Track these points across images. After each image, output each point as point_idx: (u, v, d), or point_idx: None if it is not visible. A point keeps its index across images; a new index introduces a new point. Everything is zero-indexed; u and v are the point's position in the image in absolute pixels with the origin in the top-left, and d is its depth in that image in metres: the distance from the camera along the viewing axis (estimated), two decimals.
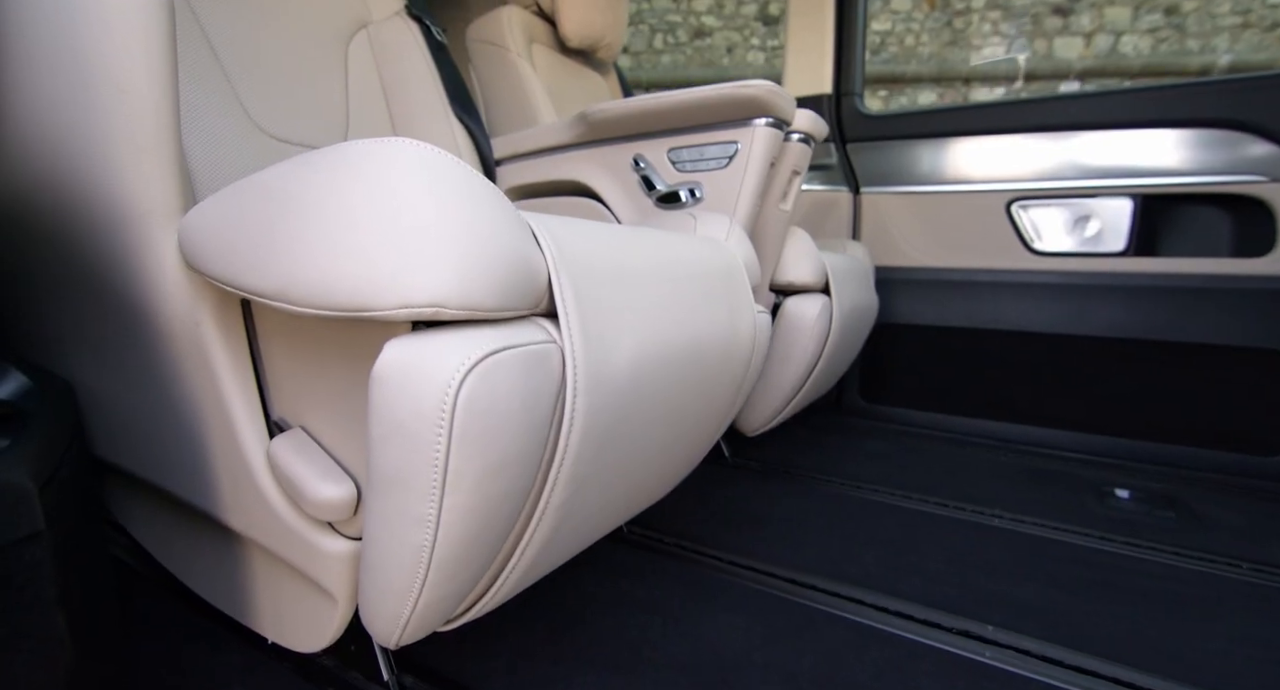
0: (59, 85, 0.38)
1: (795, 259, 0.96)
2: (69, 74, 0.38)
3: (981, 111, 1.45)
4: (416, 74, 0.95)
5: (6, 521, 0.29)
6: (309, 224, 0.34)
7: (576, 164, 0.93)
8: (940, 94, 6.98)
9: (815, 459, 1.21)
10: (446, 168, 0.35)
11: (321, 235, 0.33)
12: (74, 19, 0.37)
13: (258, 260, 0.35)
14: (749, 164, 0.78)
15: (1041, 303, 1.39)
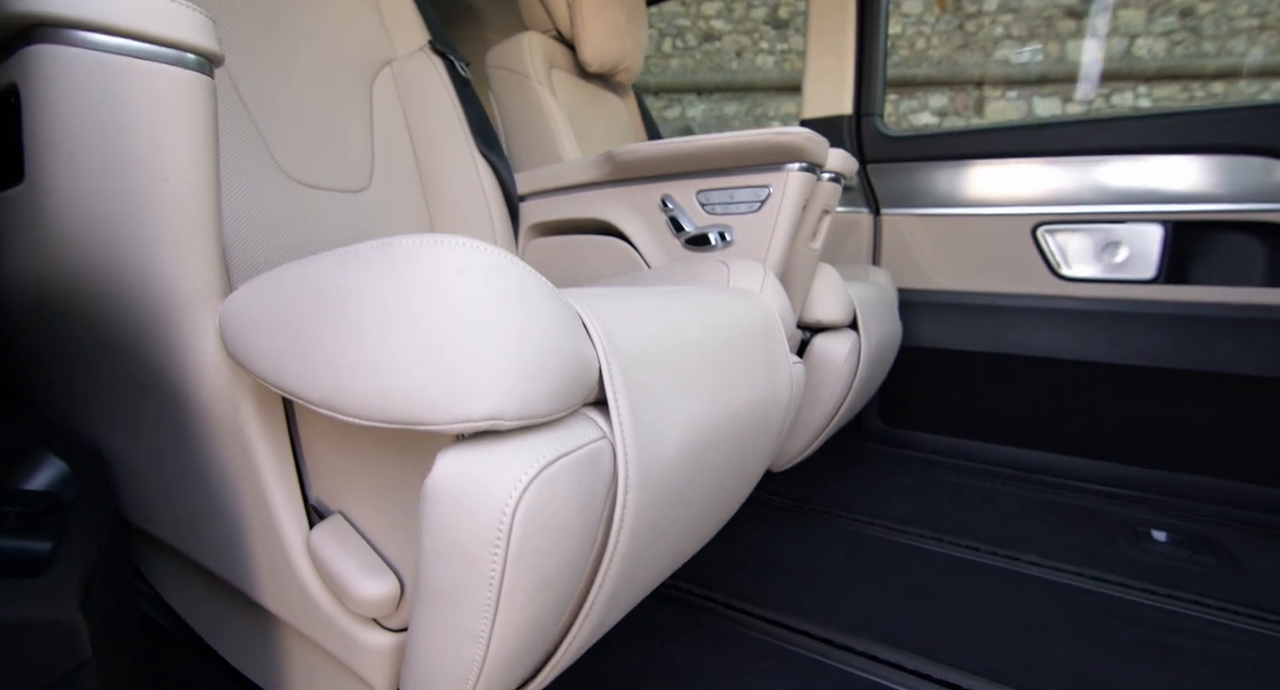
0: (101, 174, 0.37)
1: (823, 296, 0.94)
2: (111, 164, 0.37)
3: (1006, 134, 1.43)
4: (440, 110, 0.94)
5: (55, 658, 0.28)
6: (357, 331, 0.33)
7: (602, 202, 0.92)
8: (951, 97, 6.93)
9: (841, 494, 1.19)
10: (497, 267, 0.34)
11: (371, 344, 0.32)
12: (118, 111, 0.36)
13: (304, 364, 0.34)
14: (781, 209, 0.76)
15: (1068, 329, 1.37)
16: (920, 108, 6.91)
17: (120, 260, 0.39)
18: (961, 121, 6.95)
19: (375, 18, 0.92)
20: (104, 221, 0.38)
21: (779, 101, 7.31)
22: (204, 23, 0.39)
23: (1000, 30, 6.95)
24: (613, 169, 0.88)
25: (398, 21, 0.95)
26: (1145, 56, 6.59)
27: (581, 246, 0.94)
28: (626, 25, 1.39)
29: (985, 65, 6.96)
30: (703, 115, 7.45)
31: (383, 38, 0.93)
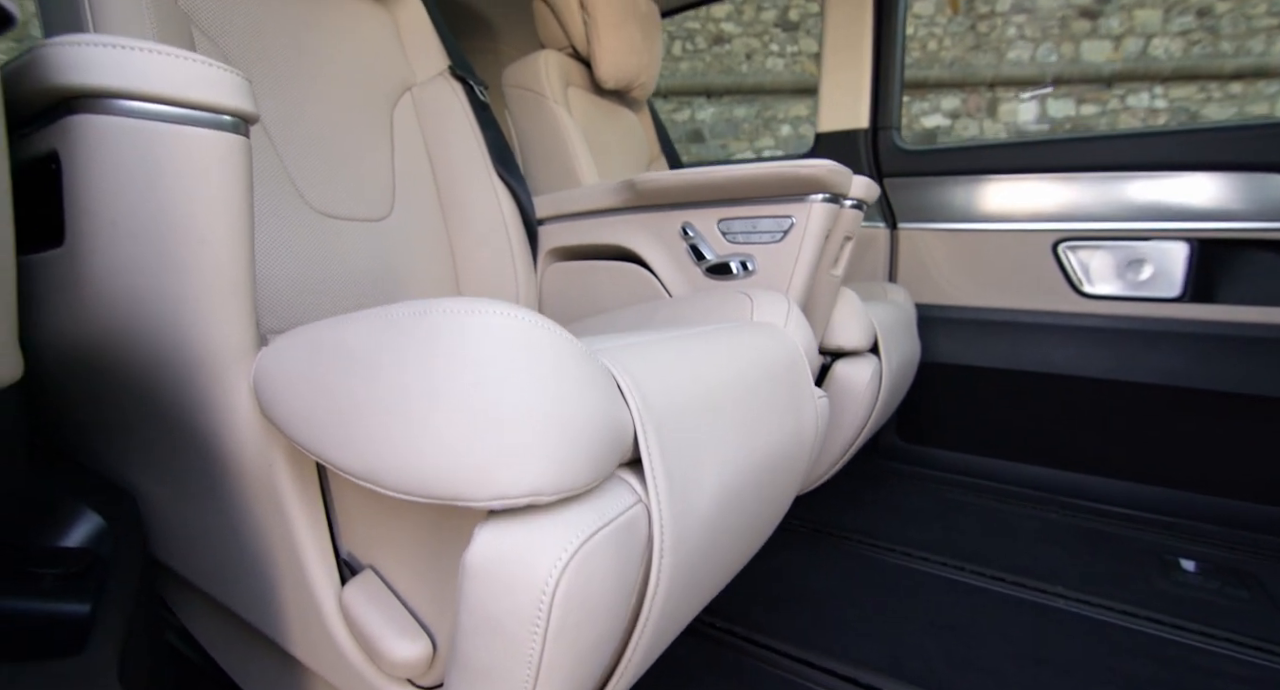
0: (140, 239, 0.37)
1: (845, 322, 0.93)
2: (150, 228, 0.37)
3: (1027, 149, 1.41)
4: (459, 134, 0.94)
5: None
6: (397, 407, 0.32)
7: (622, 229, 0.91)
8: (964, 99, 6.87)
9: (861, 518, 1.18)
10: (535, 338, 0.33)
11: (412, 422, 0.32)
12: (156, 177, 0.36)
13: (342, 437, 0.34)
14: (805, 240, 0.76)
15: (1090, 347, 1.35)
16: (932, 109, 6.86)
17: (157, 320, 0.39)
18: (974, 123, 6.90)
19: (395, 44, 0.93)
20: (142, 284, 0.38)
21: (789, 104, 7.28)
22: (240, 84, 0.39)
23: (1013, 31, 6.89)
24: (633, 196, 0.88)
25: (418, 47, 0.95)
26: (1162, 56, 6.50)
27: (601, 272, 0.94)
28: (642, 42, 1.39)
29: (999, 66, 6.90)
30: (712, 118, 7.44)
31: (403, 64, 0.93)
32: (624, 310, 0.83)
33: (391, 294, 0.82)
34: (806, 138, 7.28)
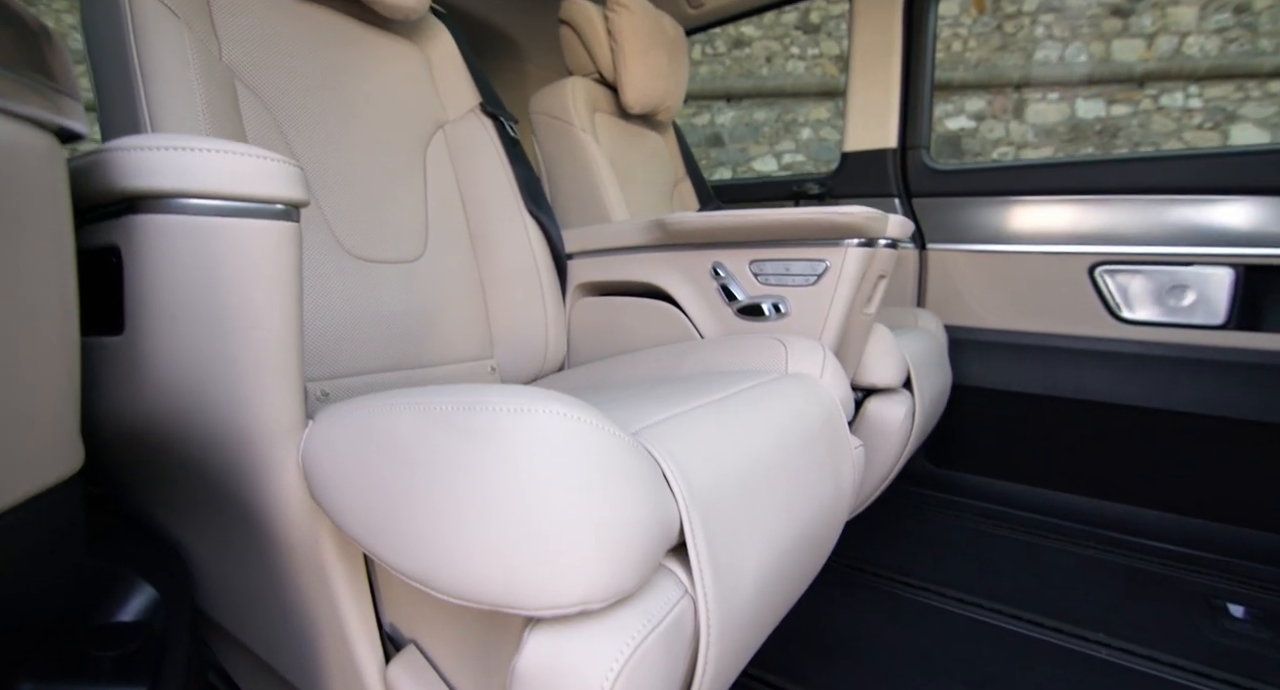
0: (196, 329, 0.38)
1: (877, 359, 0.92)
2: (206, 319, 0.38)
3: (1062, 170, 1.38)
4: (490, 170, 0.95)
5: None
6: (445, 506, 0.33)
7: (652, 266, 0.91)
8: (989, 100, 6.75)
9: (892, 553, 1.16)
10: (585, 436, 0.33)
11: (460, 521, 0.32)
12: (212, 270, 0.37)
13: (390, 532, 0.34)
14: (839, 285, 0.75)
15: (1129, 373, 1.31)
16: (956, 111, 6.75)
17: (210, 402, 0.40)
18: (1000, 125, 6.77)
19: (428, 81, 0.94)
20: (196, 370, 0.39)
21: (809, 107, 7.22)
22: (292, 173, 0.39)
23: (1041, 31, 6.75)
24: (663, 235, 0.88)
25: (450, 84, 0.96)
26: (1196, 55, 6.32)
27: (630, 309, 0.93)
28: (668, 66, 1.38)
29: (1026, 67, 6.76)
30: (731, 122, 7.40)
31: (435, 102, 0.94)
32: (655, 351, 0.82)
33: (425, 335, 0.82)
34: (828, 141, 7.21)
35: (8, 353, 0.26)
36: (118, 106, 0.61)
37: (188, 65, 0.62)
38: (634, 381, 0.78)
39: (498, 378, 0.92)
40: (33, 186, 0.26)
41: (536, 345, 0.94)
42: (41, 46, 0.27)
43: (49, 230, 0.28)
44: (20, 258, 0.26)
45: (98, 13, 0.63)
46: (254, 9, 0.72)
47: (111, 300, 0.39)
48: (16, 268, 0.26)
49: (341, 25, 0.82)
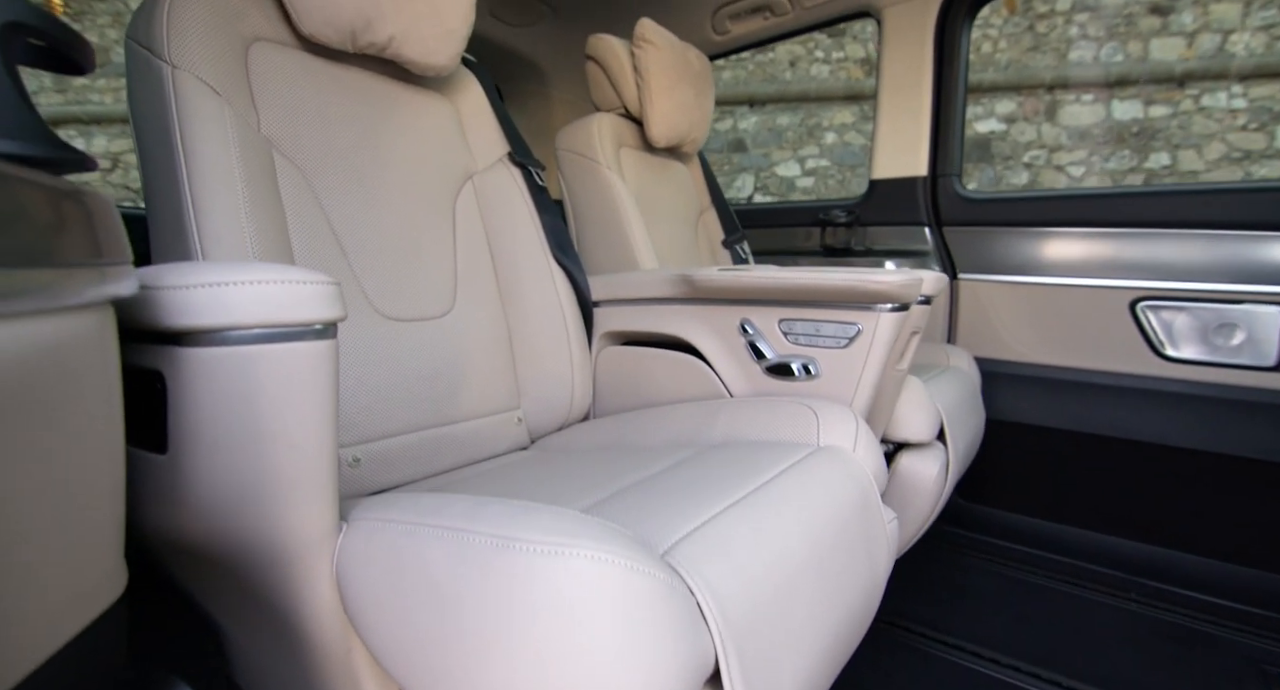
0: (237, 452, 0.39)
1: (909, 413, 0.90)
2: (247, 442, 0.38)
3: (1102, 202, 1.33)
4: (519, 219, 0.95)
5: None
6: (478, 647, 0.33)
7: (679, 319, 0.90)
8: (1020, 102, 6.60)
9: (925, 605, 1.13)
10: (622, 583, 0.33)
11: (491, 664, 0.32)
12: (253, 396, 0.38)
13: (422, 669, 0.34)
14: (872, 350, 0.73)
15: (1173, 413, 1.27)
16: (986, 114, 6.61)
17: (248, 518, 0.41)
18: (1031, 127, 6.61)
19: (458, 133, 0.94)
20: (235, 490, 0.40)
21: (833, 111, 7.14)
22: (330, 293, 0.39)
23: (1075, 30, 6.57)
24: (690, 290, 0.87)
25: (479, 134, 0.96)
26: (1241, 53, 6.10)
27: (657, 361, 0.93)
28: (694, 100, 1.38)
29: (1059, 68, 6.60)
30: (754, 127, 7.35)
31: (465, 153, 0.94)
32: (682, 409, 0.82)
33: (454, 390, 0.83)
34: (852, 145, 7.12)
35: (60, 505, 0.26)
36: (161, 182, 0.63)
37: (227, 143, 0.63)
38: (661, 444, 0.78)
39: (524, 429, 0.92)
40: (85, 360, 0.27)
41: (563, 394, 0.94)
42: (92, 221, 0.28)
43: (99, 388, 0.28)
44: (72, 420, 0.26)
45: (144, 92, 0.64)
46: (291, 77, 0.74)
47: (156, 420, 0.40)
48: (68, 430, 0.26)
49: (374, 84, 0.83)
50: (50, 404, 0.24)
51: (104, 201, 0.30)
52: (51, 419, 0.24)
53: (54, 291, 0.24)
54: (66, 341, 0.25)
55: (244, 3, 0.71)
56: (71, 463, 0.27)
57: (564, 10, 1.61)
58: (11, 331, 0.22)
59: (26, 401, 0.23)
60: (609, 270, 1.24)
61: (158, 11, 0.63)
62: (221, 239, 0.59)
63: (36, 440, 0.24)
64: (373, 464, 0.71)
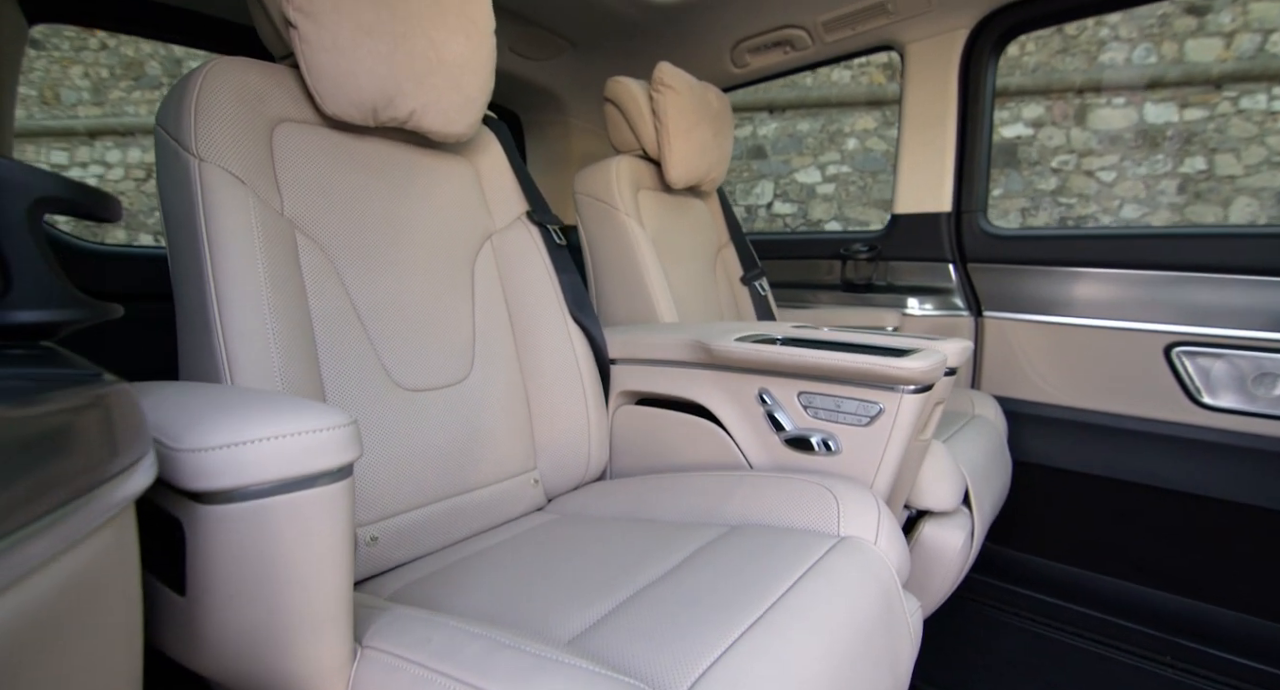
0: (254, 600, 0.39)
1: (933, 481, 0.88)
2: (264, 591, 0.39)
3: (1135, 243, 1.29)
4: (536, 277, 0.95)
5: None
6: None
7: (695, 383, 0.89)
8: (1048, 106, 6.45)
9: (949, 672, 1.09)
10: None
11: None
12: (269, 547, 0.38)
13: None
14: (894, 430, 0.72)
15: (1211, 464, 1.22)
16: (1012, 119, 6.47)
17: (263, 654, 0.41)
18: (1059, 132, 6.46)
19: (477, 194, 0.94)
20: (252, 630, 0.40)
21: (855, 117, 7.05)
22: (345, 437, 0.40)
23: (1106, 32, 6.41)
24: (707, 356, 0.86)
25: (497, 194, 0.96)
26: None
27: (673, 423, 0.92)
28: (713, 140, 1.37)
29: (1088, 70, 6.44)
30: (774, 133, 7.30)
31: (484, 213, 0.94)
32: (699, 480, 0.81)
33: (471, 458, 0.83)
34: (874, 151, 7.03)
35: None
36: (187, 272, 0.64)
37: (251, 233, 0.64)
38: (678, 518, 0.77)
39: (541, 489, 0.92)
40: (106, 570, 0.27)
41: (579, 453, 0.94)
42: (113, 425, 0.28)
43: (120, 589, 0.29)
44: (93, 633, 0.27)
45: (171, 181, 0.66)
46: (313, 156, 0.75)
47: (177, 562, 0.40)
48: (90, 643, 0.27)
49: (394, 152, 0.84)
50: (71, 631, 0.24)
51: (123, 395, 0.30)
52: (73, 644, 0.25)
53: (77, 523, 0.24)
54: (88, 561, 0.25)
55: (269, 86, 0.72)
56: (91, 666, 0.27)
57: (583, 44, 1.61)
58: (35, 587, 0.22)
59: (47, 643, 0.23)
60: (626, 317, 1.24)
61: (185, 103, 0.65)
62: (244, 333, 0.60)
63: (59, 666, 0.24)
64: (390, 541, 0.72)
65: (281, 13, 0.69)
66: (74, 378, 0.29)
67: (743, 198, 7.12)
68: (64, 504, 0.24)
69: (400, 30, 0.74)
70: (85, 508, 0.25)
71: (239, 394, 0.42)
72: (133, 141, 7.40)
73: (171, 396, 0.41)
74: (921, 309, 1.51)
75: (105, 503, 0.27)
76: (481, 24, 0.82)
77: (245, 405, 0.39)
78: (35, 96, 7.24)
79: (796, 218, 7.16)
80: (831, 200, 7.18)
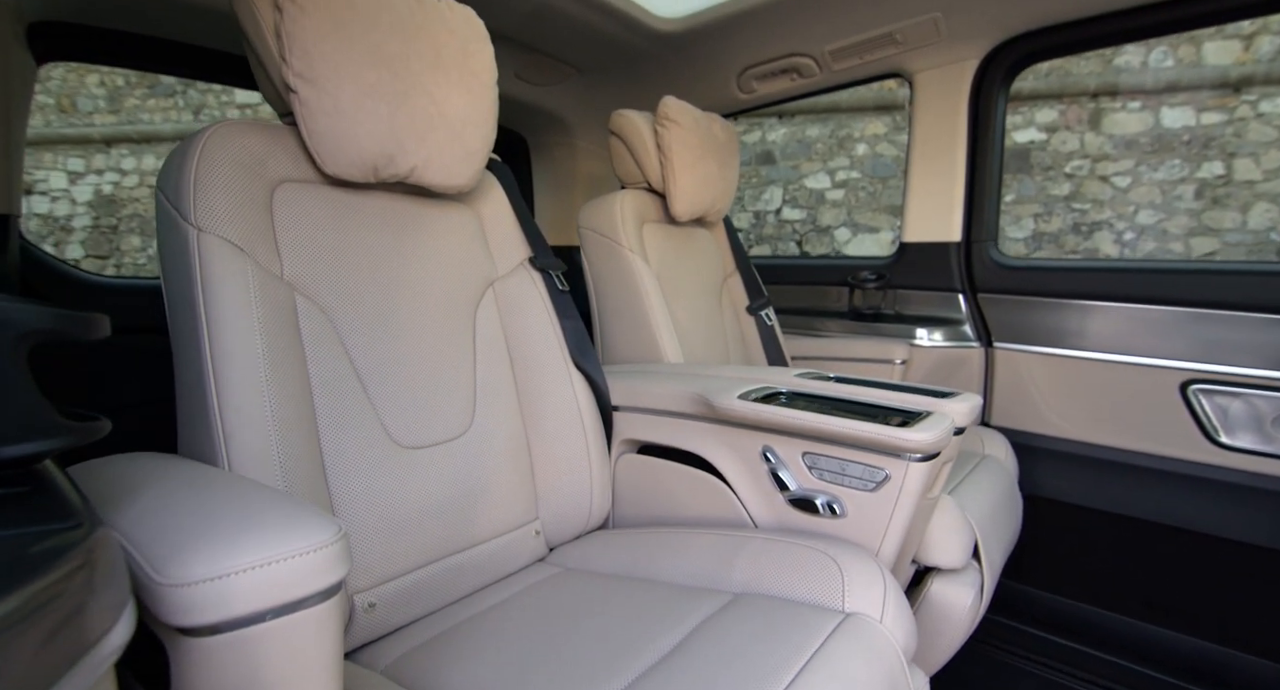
0: None
1: (942, 538, 0.86)
2: None
3: (1149, 278, 1.27)
4: (538, 324, 0.95)
5: None
6: None
7: (699, 436, 0.88)
8: (1062, 111, 6.37)
9: None
10: None
11: None
12: (260, 671, 0.37)
13: None
14: (900, 498, 0.70)
15: (1230, 504, 1.19)
16: (1025, 123, 6.40)
17: None
18: (1074, 137, 6.38)
19: (480, 241, 0.93)
20: None
21: (864, 122, 7.00)
22: (335, 555, 0.39)
23: None
24: (709, 411, 0.85)
25: (500, 240, 0.96)
26: None
27: (676, 476, 0.91)
28: (718, 172, 1.35)
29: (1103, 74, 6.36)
30: (783, 138, 7.26)
31: (486, 260, 0.94)
32: (702, 541, 0.80)
33: (472, 513, 0.83)
34: (884, 156, 6.98)
35: None
36: (185, 344, 0.64)
37: (250, 304, 0.64)
38: (680, 579, 0.76)
39: (542, 540, 0.91)
40: None
41: (581, 502, 0.93)
42: (94, 586, 0.27)
43: None
44: None
45: (170, 248, 0.66)
46: (314, 215, 0.74)
47: (163, 678, 0.40)
48: None
49: (396, 205, 0.83)
50: None
51: (104, 547, 0.29)
52: None
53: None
54: None
55: (270, 149, 0.71)
56: None
57: (588, 70, 1.60)
58: None
59: None
60: (629, 354, 1.23)
61: (185, 172, 0.64)
62: (241, 414, 0.60)
63: None
64: (388, 605, 0.71)
65: (282, 78, 0.69)
66: (54, 536, 0.28)
67: (751, 204, 7.09)
68: (46, 684, 0.24)
69: (401, 90, 0.73)
70: (66, 680, 0.25)
71: (226, 502, 0.42)
72: (148, 148, 7.49)
73: (155, 508, 0.41)
74: (930, 340, 1.49)
75: (85, 669, 0.26)
76: (483, 77, 0.82)
77: (231, 522, 0.38)
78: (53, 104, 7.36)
79: (805, 224, 7.13)
80: (841, 206, 7.14)
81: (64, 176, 7.57)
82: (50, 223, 7.49)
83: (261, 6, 0.68)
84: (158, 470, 0.52)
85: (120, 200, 7.55)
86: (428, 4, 0.77)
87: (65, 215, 7.52)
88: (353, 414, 0.73)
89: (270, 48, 0.68)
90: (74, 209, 7.54)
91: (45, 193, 7.52)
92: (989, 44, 1.32)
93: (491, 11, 1.20)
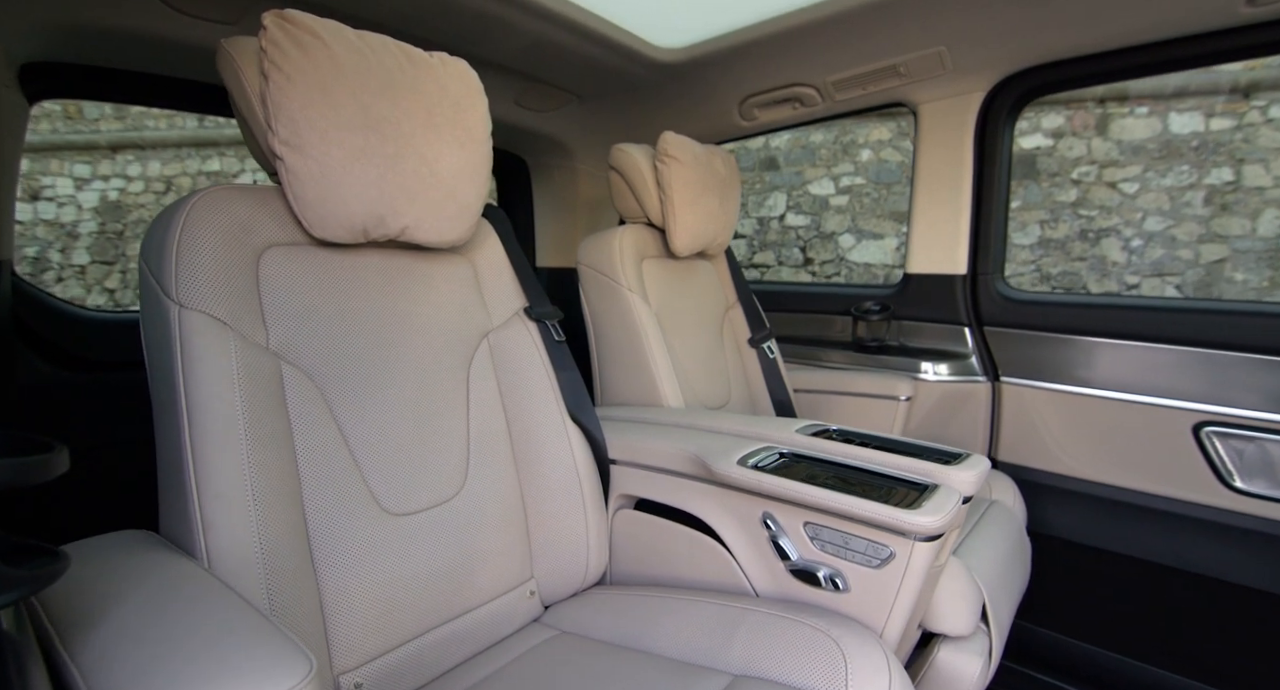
0: None
1: (949, 604, 0.84)
2: None
3: (1160, 316, 1.24)
4: (534, 377, 0.93)
5: None
6: None
7: (698, 498, 0.86)
8: (1068, 116, 6.32)
9: None
10: None
11: None
12: None
13: None
14: (905, 579, 0.68)
15: (1246, 550, 1.16)
16: (1031, 129, 6.35)
17: None
18: (1080, 142, 6.33)
19: (475, 292, 0.91)
20: None
21: (870, 128, 6.96)
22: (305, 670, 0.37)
23: None
24: (708, 474, 0.83)
25: (495, 290, 0.94)
26: None
27: (674, 536, 0.89)
28: (719, 207, 1.33)
29: None
30: (787, 144, 7.23)
31: (481, 312, 0.91)
32: (701, 607, 0.77)
33: (464, 578, 0.80)
34: (889, 162, 6.94)
35: None
36: (166, 421, 0.62)
37: (233, 383, 0.62)
38: (676, 652, 0.74)
39: (537, 600, 0.89)
40: None
41: (578, 559, 0.91)
42: None
43: None
44: None
45: (152, 321, 0.64)
46: (301, 279, 0.72)
47: None
48: None
49: (387, 262, 0.81)
50: None
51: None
52: None
53: None
54: None
55: (255, 213, 0.69)
56: None
57: (588, 97, 1.58)
58: None
59: None
60: (628, 395, 1.21)
61: (168, 245, 0.63)
62: (221, 497, 0.58)
63: None
64: (376, 684, 0.69)
65: (268, 144, 0.67)
66: None
67: (754, 210, 7.06)
68: None
69: (391, 152, 0.71)
70: None
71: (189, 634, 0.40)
72: (153, 155, 7.52)
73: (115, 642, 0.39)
74: (935, 374, 1.46)
75: None
76: (477, 132, 0.80)
77: (195, 669, 0.36)
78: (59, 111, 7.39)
79: (809, 230, 7.10)
80: (845, 212, 7.10)
81: (70, 182, 7.61)
82: (56, 228, 7.53)
83: (247, 73, 0.66)
84: (133, 576, 0.50)
85: (126, 206, 7.57)
86: (418, 60, 0.75)
87: (72, 221, 7.55)
88: (339, 483, 0.71)
89: (256, 114, 0.67)
90: (80, 215, 7.58)
91: (52, 199, 7.56)
92: (995, 77, 1.29)
93: (490, 43, 1.18)
